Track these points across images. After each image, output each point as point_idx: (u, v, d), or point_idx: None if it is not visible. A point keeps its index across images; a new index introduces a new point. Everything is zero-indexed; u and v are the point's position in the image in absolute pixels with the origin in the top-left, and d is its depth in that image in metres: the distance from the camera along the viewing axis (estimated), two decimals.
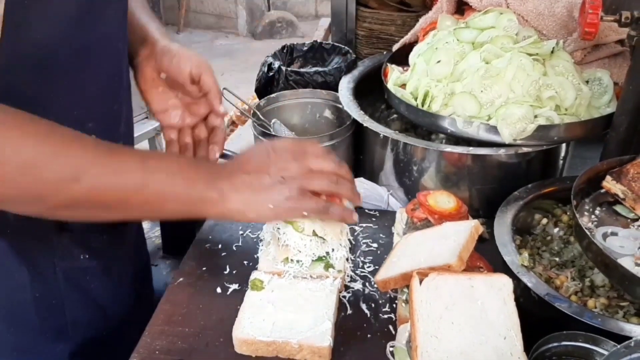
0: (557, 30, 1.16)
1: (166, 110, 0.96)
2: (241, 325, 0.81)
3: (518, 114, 0.99)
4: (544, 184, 1.01)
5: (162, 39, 0.96)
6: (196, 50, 0.99)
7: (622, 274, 0.76)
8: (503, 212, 0.94)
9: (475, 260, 0.85)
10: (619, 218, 0.91)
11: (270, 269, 0.91)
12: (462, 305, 0.74)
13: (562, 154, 1.12)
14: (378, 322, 0.86)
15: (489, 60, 1.06)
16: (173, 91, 0.96)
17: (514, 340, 0.70)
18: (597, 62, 1.15)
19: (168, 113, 0.96)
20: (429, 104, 1.08)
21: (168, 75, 0.94)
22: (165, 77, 0.94)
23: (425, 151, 1.07)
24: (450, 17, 1.24)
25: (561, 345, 0.72)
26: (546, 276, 0.88)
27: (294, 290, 0.86)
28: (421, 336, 0.71)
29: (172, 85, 0.96)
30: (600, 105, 1.09)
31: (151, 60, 0.94)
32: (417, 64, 1.16)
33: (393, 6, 1.56)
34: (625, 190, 0.90)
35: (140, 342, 0.82)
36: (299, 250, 0.90)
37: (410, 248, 0.88)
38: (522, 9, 1.17)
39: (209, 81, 0.94)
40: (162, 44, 0.95)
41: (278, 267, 0.90)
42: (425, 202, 0.94)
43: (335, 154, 0.88)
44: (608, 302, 0.83)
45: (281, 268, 0.90)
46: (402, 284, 0.82)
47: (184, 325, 0.85)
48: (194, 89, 0.96)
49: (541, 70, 1.04)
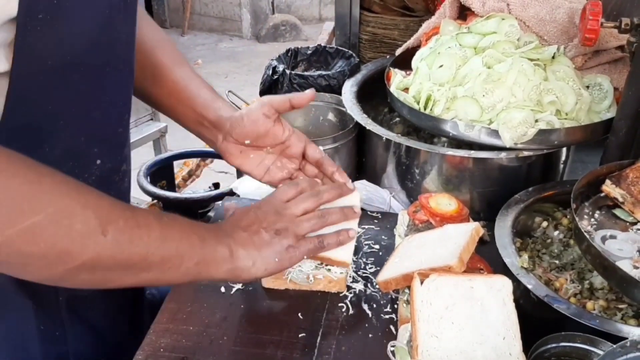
0: (558, 36, 1.17)
1: (267, 169, 0.96)
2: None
3: (519, 118, 1.00)
4: (544, 187, 1.02)
5: (222, 109, 0.94)
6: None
7: (620, 276, 0.77)
8: (504, 214, 0.95)
9: (475, 262, 0.87)
10: (618, 221, 0.92)
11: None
12: (462, 305, 0.75)
13: (562, 158, 1.13)
14: (379, 322, 0.87)
15: (490, 65, 1.08)
16: (261, 149, 0.96)
17: (512, 341, 0.72)
18: (597, 67, 1.16)
19: (270, 171, 0.96)
20: (431, 107, 1.09)
21: (251, 140, 0.94)
22: (249, 142, 0.94)
23: (427, 154, 1.08)
24: (452, 22, 1.26)
25: (559, 346, 0.73)
26: (546, 278, 0.89)
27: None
28: (422, 336, 0.72)
29: (257, 144, 0.95)
30: (600, 110, 1.10)
31: (229, 137, 0.94)
32: (420, 68, 1.18)
33: (396, 11, 1.57)
34: (625, 194, 0.91)
35: (145, 340, 0.83)
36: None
37: (411, 249, 0.90)
38: (524, 15, 1.18)
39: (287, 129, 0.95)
40: (227, 116, 0.93)
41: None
42: (426, 204, 0.95)
43: (336, 157, 0.90)
44: (607, 304, 0.84)
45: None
46: (404, 284, 0.84)
47: (188, 324, 0.86)
48: (278, 133, 0.95)
49: (542, 75, 1.06)
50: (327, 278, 0.91)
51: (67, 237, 0.61)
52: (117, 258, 0.66)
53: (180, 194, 1.75)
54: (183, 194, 1.68)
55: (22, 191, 0.59)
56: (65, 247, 0.62)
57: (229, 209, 0.90)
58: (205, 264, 0.74)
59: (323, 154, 0.96)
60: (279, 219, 0.84)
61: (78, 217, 0.62)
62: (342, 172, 0.96)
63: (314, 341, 0.83)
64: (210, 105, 0.94)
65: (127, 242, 0.66)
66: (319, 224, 0.86)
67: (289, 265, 0.83)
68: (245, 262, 0.78)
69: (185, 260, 0.72)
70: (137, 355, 0.81)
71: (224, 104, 0.95)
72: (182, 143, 2.20)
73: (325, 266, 0.92)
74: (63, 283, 0.67)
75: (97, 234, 0.63)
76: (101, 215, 0.64)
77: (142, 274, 0.70)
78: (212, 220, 1.13)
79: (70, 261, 0.63)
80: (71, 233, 0.62)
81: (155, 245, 0.69)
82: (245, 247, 0.79)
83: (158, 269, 0.70)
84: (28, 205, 0.59)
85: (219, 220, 1.10)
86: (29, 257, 0.61)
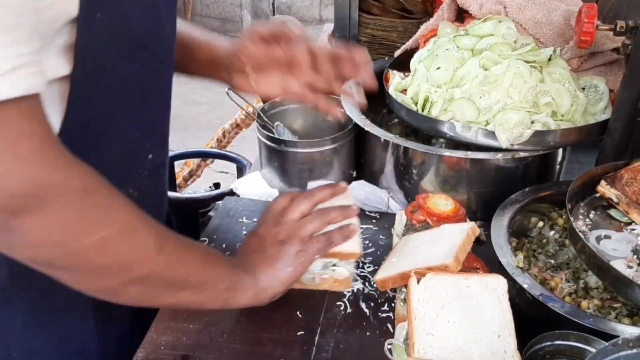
0: (554, 38, 1.19)
1: (283, 86, 0.94)
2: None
3: (515, 120, 1.01)
4: (540, 187, 1.03)
5: (217, 49, 0.95)
6: None
7: (614, 276, 0.78)
8: (500, 214, 0.97)
9: (472, 261, 0.88)
10: (612, 222, 0.93)
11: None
12: (458, 304, 0.76)
13: (558, 158, 1.14)
14: (377, 320, 0.88)
15: (487, 67, 1.09)
16: (269, 70, 0.93)
17: (507, 339, 0.73)
18: (593, 69, 1.17)
19: (286, 88, 0.94)
20: (429, 109, 1.10)
21: (253, 67, 0.93)
22: (253, 70, 0.93)
23: (424, 155, 1.09)
24: (450, 24, 1.27)
25: (554, 344, 0.74)
26: (541, 277, 0.90)
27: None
28: (418, 334, 0.73)
29: (262, 68, 0.93)
30: (595, 111, 1.11)
31: (233, 72, 0.94)
32: (418, 70, 1.19)
33: (395, 13, 1.58)
34: (619, 194, 0.92)
35: (146, 338, 0.84)
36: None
37: (408, 249, 0.91)
38: (521, 17, 1.19)
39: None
40: (223, 54, 0.94)
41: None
42: (424, 204, 0.97)
43: (335, 157, 0.90)
44: (601, 303, 0.85)
45: None
46: (401, 283, 0.85)
47: (188, 322, 0.87)
48: (276, 53, 0.92)
49: (538, 77, 1.07)
50: (333, 278, 0.92)
51: (130, 252, 0.66)
52: (165, 276, 0.70)
53: (181, 193, 1.77)
54: (184, 194, 1.70)
55: (98, 206, 0.63)
56: (127, 261, 0.66)
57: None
58: (233, 290, 0.78)
59: (329, 47, 0.94)
60: (280, 229, 0.86)
61: (141, 234, 0.67)
62: (359, 51, 0.91)
63: (312, 339, 0.85)
64: (204, 48, 0.96)
65: (176, 262, 0.71)
66: (320, 222, 0.87)
67: (303, 270, 0.85)
68: (264, 283, 0.81)
69: (218, 284, 0.77)
70: (137, 352, 0.82)
71: (216, 43, 0.96)
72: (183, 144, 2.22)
73: (332, 267, 0.92)
74: (111, 295, 0.70)
75: (154, 252, 0.68)
76: (157, 235, 0.69)
77: (181, 293, 0.74)
78: (213, 219, 1.14)
79: (127, 274, 0.67)
80: (134, 248, 0.66)
81: (197, 267, 0.74)
82: (261, 268, 0.82)
83: (195, 290, 0.75)
84: (102, 219, 0.63)
85: (217, 220, 1.12)
86: (95, 267, 0.65)
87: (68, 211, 0.60)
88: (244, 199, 1.20)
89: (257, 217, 1.11)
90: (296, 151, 1.17)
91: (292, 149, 1.17)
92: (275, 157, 1.20)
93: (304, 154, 1.17)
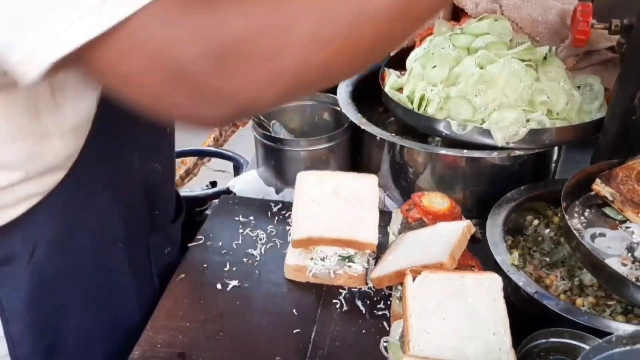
0: (550, 36, 1.19)
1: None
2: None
3: (511, 118, 1.02)
4: (535, 186, 1.04)
5: None
6: None
7: (609, 273, 0.79)
8: (495, 213, 0.97)
9: (467, 259, 0.88)
10: (607, 220, 0.93)
11: (295, 261, 0.95)
12: (453, 302, 0.76)
13: (554, 157, 1.14)
14: (373, 318, 0.88)
15: (483, 65, 1.09)
16: None
17: (502, 336, 0.73)
18: (588, 68, 1.17)
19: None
20: (425, 107, 1.10)
21: None
22: None
23: (420, 153, 1.10)
24: (446, 23, 1.27)
25: (549, 342, 0.74)
26: (536, 275, 0.91)
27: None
28: (413, 331, 0.73)
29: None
30: (591, 110, 1.12)
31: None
32: (414, 69, 1.19)
33: None
34: (614, 192, 0.93)
35: (142, 336, 0.85)
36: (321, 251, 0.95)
37: (404, 247, 0.91)
38: (517, 16, 1.19)
39: None
40: None
41: (304, 262, 0.94)
42: (419, 202, 0.97)
43: (331, 156, 0.90)
44: (596, 301, 0.85)
45: (307, 263, 0.94)
46: (396, 281, 0.85)
47: (185, 320, 0.87)
48: None
49: (534, 76, 1.07)
50: (347, 274, 0.93)
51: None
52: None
53: (178, 191, 1.76)
54: (181, 192, 1.69)
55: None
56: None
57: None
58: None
59: None
60: None
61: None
62: None
63: (308, 337, 0.85)
64: None
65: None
66: None
67: None
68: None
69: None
70: (134, 351, 0.82)
71: None
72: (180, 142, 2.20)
73: (347, 262, 0.94)
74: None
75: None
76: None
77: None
78: (209, 218, 1.15)
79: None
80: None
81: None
82: None
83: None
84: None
85: (214, 218, 1.12)
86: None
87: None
88: (241, 198, 1.20)
89: (253, 215, 1.11)
90: (292, 150, 1.18)
91: (289, 147, 1.18)
92: (272, 155, 1.20)
93: (300, 153, 1.18)
